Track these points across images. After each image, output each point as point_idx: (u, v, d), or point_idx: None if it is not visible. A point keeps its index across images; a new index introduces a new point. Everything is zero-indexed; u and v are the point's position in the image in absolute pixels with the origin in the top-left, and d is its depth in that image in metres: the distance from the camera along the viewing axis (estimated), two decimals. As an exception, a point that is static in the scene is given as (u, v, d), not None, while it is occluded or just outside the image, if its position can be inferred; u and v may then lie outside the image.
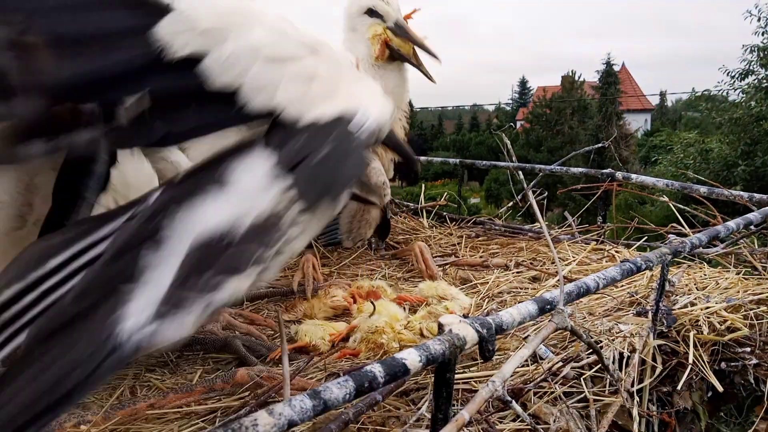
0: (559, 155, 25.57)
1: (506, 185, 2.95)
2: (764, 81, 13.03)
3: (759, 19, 13.00)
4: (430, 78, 2.45)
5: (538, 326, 1.60)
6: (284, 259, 0.65)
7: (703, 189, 2.15)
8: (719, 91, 14.91)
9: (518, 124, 36.61)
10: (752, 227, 1.73)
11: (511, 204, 3.10)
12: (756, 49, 13.06)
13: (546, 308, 1.10)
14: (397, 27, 2.36)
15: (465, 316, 1.00)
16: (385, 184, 2.47)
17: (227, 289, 0.59)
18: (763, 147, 12.42)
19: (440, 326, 0.98)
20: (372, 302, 1.83)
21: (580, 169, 2.67)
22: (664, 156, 16.20)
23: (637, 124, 29.58)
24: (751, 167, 12.38)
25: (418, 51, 2.44)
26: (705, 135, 15.40)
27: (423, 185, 3.27)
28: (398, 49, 2.37)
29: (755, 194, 2.02)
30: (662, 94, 39.24)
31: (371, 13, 2.36)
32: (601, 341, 1.45)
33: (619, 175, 2.45)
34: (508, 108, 46.92)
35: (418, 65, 2.43)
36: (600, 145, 3.22)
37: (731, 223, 1.62)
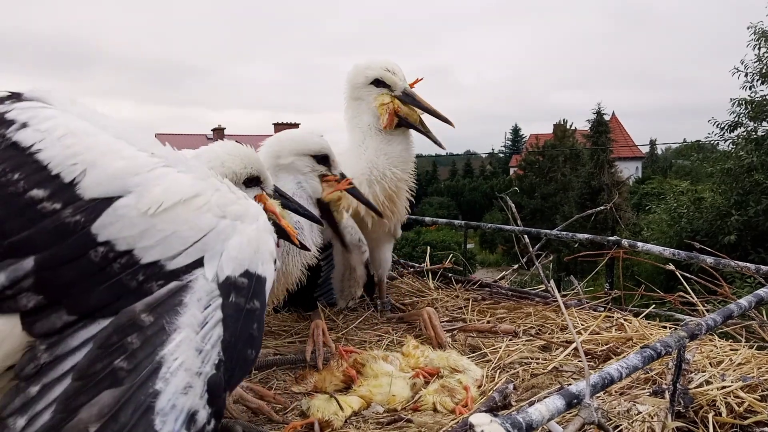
0: (552, 201, 25.97)
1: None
2: (753, 133, 13.33)
3: (746, 75, 13.41)
4: (438, 144, 2.48)
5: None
6: None
7: (709, 260, 2.18)
8: (709, 141, 15.24)
9: (511, 170, 37.11)
10: (763, 303, 1.75)
11: (517, 266, 3.11)
12: (744, 102, 13.41)
13: (573, 402, 1.10)
14: (405, 95, 2.40)
15: (494, 414, 1.00)
16: (360, 241, 2.49)
17: None
18: (755, 197, 12.59)
19: (471, 426, 0.98)
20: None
21: (586, 236, 2.69)
22: (656, 204, 16.37)
23: (629, 171, 30.01)
24: (744, 217, 12.51)
25: (425, 117, 2.48)
26: (696, 183, 15.63)
27: (427, 248, 3.28)
28: (406, 118, 2.41)
29: (762, 266, 2.05)
30: (652, 143, 39.99)
31: (378, 83, 2.40)
32: (621, 425, 1.44)
33: (625, 242, 2.48)
34: (502, 155, 47.64)
35: (426, 132, 2.46)
36: (601, 208, 3.27)
37: (743, 301, 1.64)
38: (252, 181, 1.60)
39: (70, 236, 1.05)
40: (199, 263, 1.06)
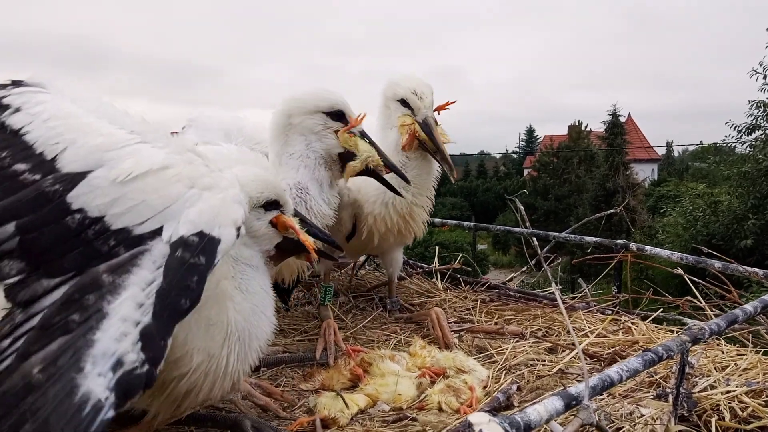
0: (566, 203, 25.81)
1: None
2: (772, 136, 13.14)
3: (765, 77, 13.21)
4: (451, 176, 2.43)
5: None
6: None
7: (717, 264, 2.17)
8: (727, 144, 15.06)
9: (525, 171, 36.95)
10: (769, 309, 1.75)
11: (525, 268, 3.12)
12: (762, 105, 13.22)
13: (571, 404, 1.12)
14: (424, 124, 2.32)
15: (493, 414, 1.02)
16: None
17: None
18: (772, 201, 12.42)
19: (470, 425, 1.00)
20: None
21: (595, 239, 2.70)
22: (672, 206, 16.19)
23: (644, 173, 29.73)
24: (762, 221, 12.33)
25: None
26: (713, 186, 15.44)
27: (437, 249, 3.31)
28: (424, 143, 2.35)
29: (770, 271, 2.04)
30: (669, 145, 39.57)
31: (404, 103, 2.36)
32: (623, 427, 1.46)
33: (633, 246, 2.49)
34: (516, 156, 47.41)
35: (441, 161, 2.38)
36: (612, 211, 3.27)
37: (748, 307, 1.64)
38: (272, 205, 1.62)
39: (48, 204, 1.16)
40: (162, 229, 1.15)
